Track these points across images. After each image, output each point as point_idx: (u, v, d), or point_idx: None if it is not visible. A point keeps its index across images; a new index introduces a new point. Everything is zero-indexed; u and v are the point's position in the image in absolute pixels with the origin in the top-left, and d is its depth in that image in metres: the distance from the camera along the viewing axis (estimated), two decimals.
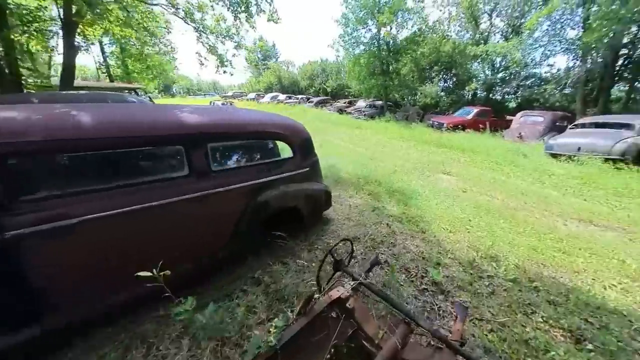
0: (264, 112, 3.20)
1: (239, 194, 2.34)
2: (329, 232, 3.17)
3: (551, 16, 10.95)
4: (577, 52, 12.18)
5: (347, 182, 4.99)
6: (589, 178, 5.64)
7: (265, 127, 2.58)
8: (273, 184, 2.57)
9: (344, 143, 9.25)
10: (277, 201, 2.56)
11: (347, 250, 2.14)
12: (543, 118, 9.45)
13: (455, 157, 7.71)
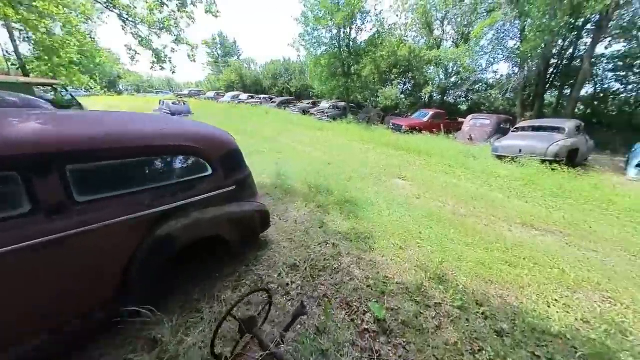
0: (176, 121, 2.65)
1: (126, 230, 1.77)
2: (264, 259, 2.71)
3: (494, 26, 11.81)
4: (516, 61, 13.30)
5: (298, 192, 4.57)
6: (529, 179, 5.97)
7: (167, 139, 2.03)
8: (181, 210, 2.04)
9: (303, 147, 8.84)
10: (188, 232, 2.04)
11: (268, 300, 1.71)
12: (490, 121, 10.06)
13: (411, 160, 7.77)
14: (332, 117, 16.40)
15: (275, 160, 6.52)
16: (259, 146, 8.05)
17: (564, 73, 12.18)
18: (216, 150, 2.35)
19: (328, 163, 6.79)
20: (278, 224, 3.47)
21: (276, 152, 7.50)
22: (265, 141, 9.12)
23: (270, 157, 6.87)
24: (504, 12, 10.47)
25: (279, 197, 4.34)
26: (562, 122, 7.65)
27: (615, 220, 4.31)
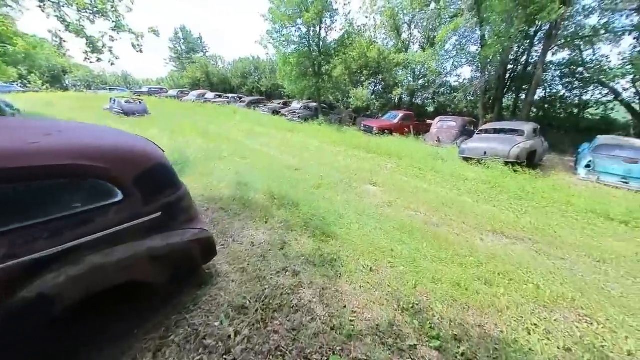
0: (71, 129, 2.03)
1: None
2: (204, 301, 2.18)
3: (457, 32, 12.23)
4: (477, 66, 13.93)
5: (259, 205, 4.06)
6: (495, 182, 6.05)
7: (42, 158, 1.43)
8: (69, 255, 1.46)
9: (271, 150, 8.28)
10: (78, 286, 1.47)
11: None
12: (455, 123, 10.32)
13: (382, 163, 7.59)
14: (304, 117, 15.96)
15: (238, 167, 5.91)
16: (223, 150, 7.34)
17: (520, 78, 13.05)
18: (131, 168, 1.78)
19: (296, 169, 6.33)
20: (230, 248, 2.95)
21: (240, 158, 6.86)
22: (230, 144, 8.40)
23: (233, 163, 6.24)
24: (466, 19, 10.84)
25: (235, 212, 3.79)
26: (521, 125, 7.98)
27: (575, 223, 4.41)
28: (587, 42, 11.24)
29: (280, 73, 16.37)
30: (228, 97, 23.90)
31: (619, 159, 6.87)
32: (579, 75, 12.77)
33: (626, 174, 6.56)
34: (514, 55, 12.44)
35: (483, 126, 8.65)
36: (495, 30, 9.39)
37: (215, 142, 8.62)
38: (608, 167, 6.81)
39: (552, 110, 14.14)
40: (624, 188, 6.47)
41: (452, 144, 9.93)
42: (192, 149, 7.18)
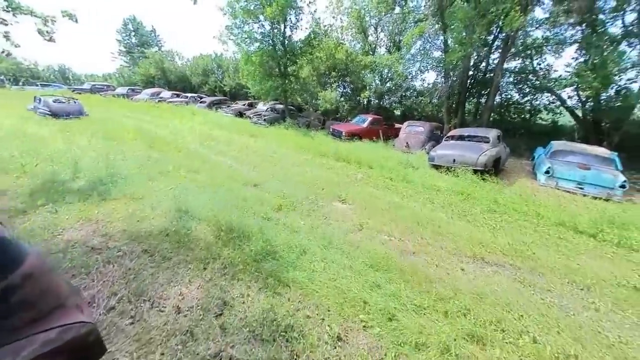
0: None
1: None
2: None
3: (422, 37, 12.31)
4: (441, 71, 14.22)
5: (199, 242, 3.20)
6: (466, 192, 5.84)
7: None
8: None
9: (229, 161, 7.32)
10: None
11: None
12: (423, 128, 10.25)
13: (352, 173, 7.07)
14: (270, 120, 15.01)
15: (183, 186, 4.92)
16: (168, 162, 6.23)
17: (480, 84, 13.58)
18: None
19: (255, 184, 5.51)
20: (142, 322, 2.09)
21: (189, 172, 5.83)
22: (180, 154, 7.26)
23: (178, 180, 5.21)
24: (430, 23, 10.87)
25: (164, 256, 2.90)
26: (487, 131, 8.03)
27: (548, 238, 4.24)
28: (536, 51, 11.97)
29: (243, 72, 15.21)
30: (187, 96, 21.91)
31: (574, 165, 7.16)
32: (530, 83, 13.61)
33: (581, 180, 6.81)
34: (475, 61, 12.86)
35: (450, 132, 8.60)
36: (457, 37, 9.45)
37: (162, 151, 7.40)
38: (565, 173, 7.03)
39: (508, 115, 14.95)
40: (579, 193, 6.71)
41: (420, 149, 9.81)
42: (128, 162, 5.98)
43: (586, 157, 7.44)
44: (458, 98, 12.97)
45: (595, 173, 6.76)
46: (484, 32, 8.90)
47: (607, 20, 10.37)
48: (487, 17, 8.26)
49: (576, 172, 6.93)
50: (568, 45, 11.67)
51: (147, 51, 27.60)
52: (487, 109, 12.12)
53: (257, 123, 15.00)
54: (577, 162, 7.33)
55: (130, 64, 32.42)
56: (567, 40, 11.05)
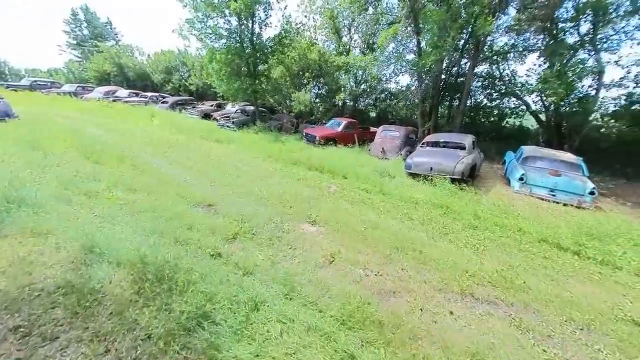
0: None
1: None
2: None
3: (396, 39, 12.06)
4: (414, 74, 14.12)
5: (109, 304, 2.33)
6: (446, 206, 5.45)
7: None
8: None
9: (184, 173, 6.34)
10: None
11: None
12: (399, 133, 9.93)
13: (325, 184, 6.43)
14: (239, 123, 13.96)
15: (109, 212, 3.93)
16: (102, 178, 5.14)
17: (452, 88, 13.70)
18: None
19: (209, 204, 4.65)
20: None
21: (126, 191, 4.80)
22: (122, 167, 6.12)
23: (106, 204, 4.20)
24: (404, 24, 10.61)
25: (48, 335, 2.01)
26: (462, 138, 7.82)
27: (534, 259, 3.92)
28: (502, 57, 12.25)
29: (207, 71, 13.99)
30: (147, 96, 19.97)
31: (545, 172, 7.15)
32: (496, 88, 13.97)
33: (553, 186, 6.78)
34: (446, 65, 12.89)
35: (426, 138, 8.32)
36: (432, 40, 9.22)
37: (101, 162, 6.21)
38: (538, 180, 6.98)
39: (477, 118, 15.27)
40: (552, 200, 6.68)
41: (396, 155, 9.45)
42: (46, 177, 4.81)
43: (555, 162, 7.49)
44: (432, 101, 12.92)
45: (566, 180, 6.76)
46: (457, 36, 8.76)
47: (567, 29, 10.83)
48: (459, 21, 8.09)
49: (548, 179, 6.90)
50: (532, 53, 12.08)
51: (101, 45, 24.68)
52: (459, 113, 12.17)
53: (224, 126, 13.88)
54: (548, 168, 7.35)
55: (82, 58, 28.99)
56: (531, 47, 11.37)
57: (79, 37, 29.86)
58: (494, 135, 12.40)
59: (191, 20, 12.56)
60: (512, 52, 11.89)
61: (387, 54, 12.13)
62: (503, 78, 13.43)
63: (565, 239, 4.37)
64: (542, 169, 7.34)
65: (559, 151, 8.23)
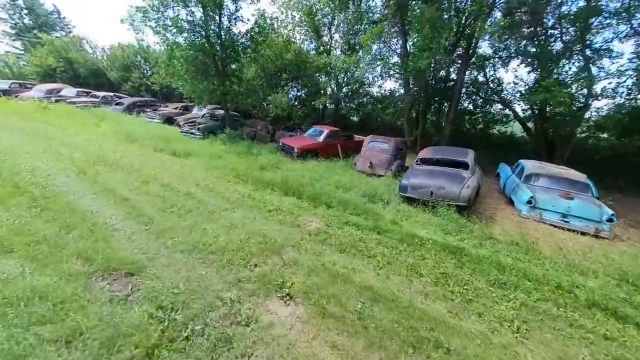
0: None
1: None
2: None
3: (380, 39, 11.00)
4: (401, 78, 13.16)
5: None
6: (459, 250, 4.29)
7: None
8: None
9: (110, 209, 4.65)
10: None
11: None
12: (388, 145, 8.79)
13: (304, 218, 5.03)
14: (206, 130, 12.13)
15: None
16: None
17: (440, 93, 12.91)
18: None
19: (128, 272, 3.07)
20: None
21: (25, 248, 3.09)
22: (22, 199, 4.30)
23: None
24: (390, 24, 9.54)
25: None
26: (463, 153, 6.80)
27: (597, 343, 2.81)
28: (490, 63, 11.63)
29: (167, 69, 12.03)
30: (98, 96, 17.32)
31: (555, 193, 6.31)
32: (483, 94, 13.41)
33: (566, 211, 5.93)
34: (434, 69, 12.04)
35: (422, 153, 7.21)
36: (423, 41, 8.16)
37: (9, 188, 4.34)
38: (548, 203, 6.11)
39: (463, 125, 14.66)
40: (565, 227, 5.82)
41: (386, 170, 8.30)
42: None
43: (562, 182, 6.70)
44: (419, 108, 12.01)
45: (579, 204, 5.94)
46: (450, 37, 7.80)
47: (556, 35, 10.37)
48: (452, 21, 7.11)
49: (559, 202, 6.05)
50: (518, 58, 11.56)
51: (43, 36, 21.19)
52: (448, 122, 11.35)
53: (187, 133, 12.01)
54: (556, 188, 6.54)
55: (24, 51, 24.99)
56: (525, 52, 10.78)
57: (18, 26, 25.77)
58: (484, 144, 11.71)
59: (144, 9, 10.59)
60: (501, 57, 11.26)
61: (372, 55, 10.97)
62: (488, 84, 12.88)
63: (619, 300, 3.36)
64: (549, 190, 6.50)
65: (562, 167, 7.49)
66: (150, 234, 3.95)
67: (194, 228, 4.21)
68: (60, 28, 27.89)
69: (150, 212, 4.59)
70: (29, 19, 26.09)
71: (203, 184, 6.24)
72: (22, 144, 8.05)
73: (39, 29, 25.10)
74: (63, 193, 4.90)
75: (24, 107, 14.27)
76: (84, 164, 6.55)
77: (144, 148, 9.11)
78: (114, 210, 4.51)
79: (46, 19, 26.69)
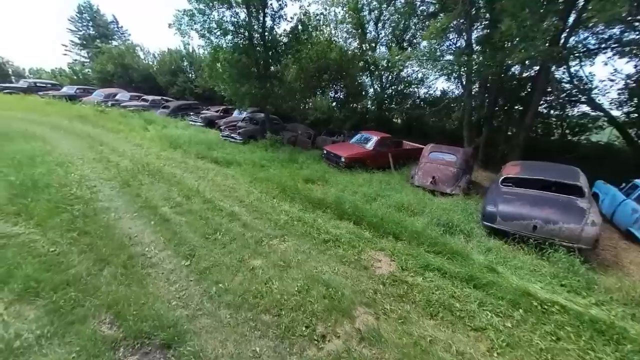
0: None
1: None
2: None
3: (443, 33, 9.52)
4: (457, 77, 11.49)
5: None
6: (607, 325, 2.94)
7: None
8: None
9: (154, 228, 4.11)
10: None
11: None
12: (455, 156, 7.40)
13: (367, 253, 4.01)
14: (246, 135, 11.76)
15: None
16: None
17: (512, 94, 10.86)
18: None
19: (163, 342, 2.33)
20: None
21: (51, 293, 2.58)
22: (60, 219, 3.94)
23: None
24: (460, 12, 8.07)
25: None
26: (572, 174, 5.22)
27: None
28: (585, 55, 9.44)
29: (210, 72, 11.87)
30: (147, 100, 18.15)
31: None
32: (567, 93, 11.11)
33: None
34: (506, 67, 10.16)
35: (509, 171, 5.73)
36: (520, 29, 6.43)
37: (23, 213, 4.05)
38: None
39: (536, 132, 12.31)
40: None
41: (452, 187, 6.95)
42: None
43: None
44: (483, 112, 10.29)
45: None
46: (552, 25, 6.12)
47: None
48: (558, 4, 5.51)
49: None
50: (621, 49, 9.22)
51: (104, 45, 23.20)
52: (523, 128, 9.50)
53: (228, 138, 11.72)
54: None
55: (88, 58, 27.73)
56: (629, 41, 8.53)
57: (84, 37, 28.70)
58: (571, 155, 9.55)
59: (191, 12, 10.45)
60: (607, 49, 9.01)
61: (430, 50, 9.49)
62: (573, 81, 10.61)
63: None
64: None
65: None
66: (191, 272, 3.25)
67: (240, 266, 3.44)
68: (118, 37, 30.55)
69: (191, 239, 3.94)
70: (93, 29, 28.91)
71: (247, 201, 5.55)
72: (78, 149, 8.22)
73: (100, 38, 27.66)
74: (104, 210, 4.49)
75: (84, 111, 15.32)
76: (129, 174, 6.28)
77: (187, 155, 8.85)
78: (154, 236, 3.93)
79: (106, 29, 29.36)
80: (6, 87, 19.92)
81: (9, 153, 6.73)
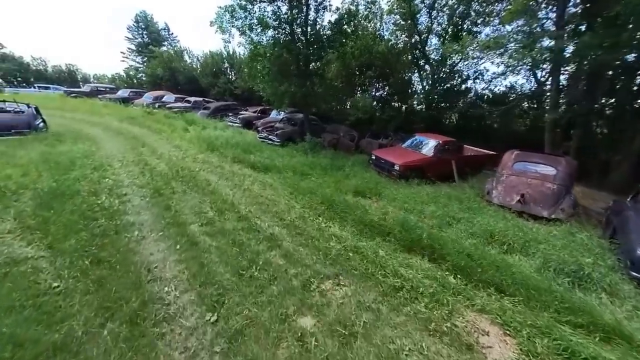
0: None
1: None
2: None
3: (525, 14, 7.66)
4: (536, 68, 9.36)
5: None
6: None
7: None
8: None
9: (179, 256, 3.33)
10: None
11: None
12: (554, 169, 5.63)
13: (467, 349, 2.73)
14: (284, 137, 11.00)
15: None
16: None
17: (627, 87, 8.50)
18: None
19: None
20: None
21: None
22: (79, 240, 3.35)
23: None
24: None
25: None
26: None
27: None
28: None
29: (249, 71, 11.34)
30: (190, 101, 18.57)
31: None
32: None
33: None
34: None
35: None
36: None
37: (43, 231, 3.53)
38: None
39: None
40: None
41: (552, 209, 5.23)
42: None
43: None
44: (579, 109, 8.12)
45: None
46: None
47: None
48: None
49: None
50: None
51: (155, 50, 24.80)
52: None
53: (266, 140, 11.07)
54: None
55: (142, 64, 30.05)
56: None
57: (139, 43, 31.17)
58: None
59: (232, 7, 9.96)
60: None
61: (522, 32, 7.59)
62: None
63: None
64: None
65: None
66: (218, 336, 2.31)
67: (284, 330, 2.41)
68: (168, 43, 32.65)
69: (221, 275, 3.04)
70: (147, 36, 31.25)
71: (288, 219, 4.58)
72: (121, 150, 8.12)
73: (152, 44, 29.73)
74: (128, 227, 3.84)
75: (134, 112, 16.05)
76: (162, 180, 5.75)
77: (223, 158, 8.28)
78: (177, 268, 3.12)
79: (158, 35, 31.52)
80: (72, 91, 22.13)
81: (55, 155, 6.69)
